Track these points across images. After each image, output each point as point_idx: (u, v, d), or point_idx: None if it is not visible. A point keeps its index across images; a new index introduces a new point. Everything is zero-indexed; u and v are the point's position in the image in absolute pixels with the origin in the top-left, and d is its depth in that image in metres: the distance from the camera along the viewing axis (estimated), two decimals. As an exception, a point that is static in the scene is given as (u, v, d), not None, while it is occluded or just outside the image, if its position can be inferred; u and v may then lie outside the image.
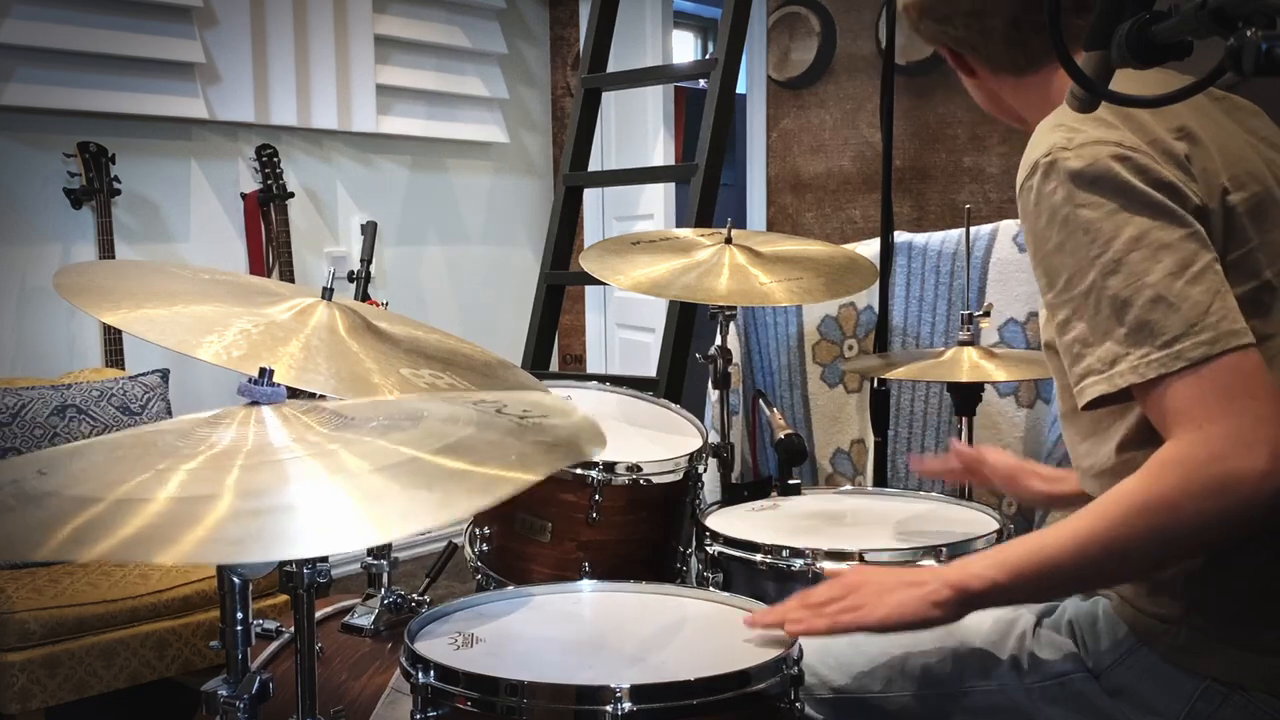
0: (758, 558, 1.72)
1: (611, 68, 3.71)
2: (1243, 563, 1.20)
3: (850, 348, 3.05)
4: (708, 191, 3.16)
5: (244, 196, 3.88)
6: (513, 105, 4.80)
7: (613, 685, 1.16)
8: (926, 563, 1.66)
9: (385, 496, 0.94)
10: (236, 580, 1.10)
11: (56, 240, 3.45)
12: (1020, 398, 2.76)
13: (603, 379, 2.35)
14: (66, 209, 3.44)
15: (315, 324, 1.35)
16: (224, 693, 1.11)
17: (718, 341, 2.31)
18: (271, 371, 1.12)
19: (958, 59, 1.43)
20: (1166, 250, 1.12)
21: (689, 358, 3.07)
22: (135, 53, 3.51)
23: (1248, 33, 0.76)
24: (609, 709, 1.16)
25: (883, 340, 2.93)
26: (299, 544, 0.89)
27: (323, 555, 0.96)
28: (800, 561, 1.67)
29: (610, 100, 4.61)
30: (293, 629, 1.27)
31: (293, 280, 3.86)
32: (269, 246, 3.87)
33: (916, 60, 3.79)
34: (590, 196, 4.79)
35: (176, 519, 0.87)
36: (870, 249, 2.88)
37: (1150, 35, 0.87)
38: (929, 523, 1.84)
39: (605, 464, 1.86)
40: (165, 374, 3.16)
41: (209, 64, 3.73)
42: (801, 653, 1.31)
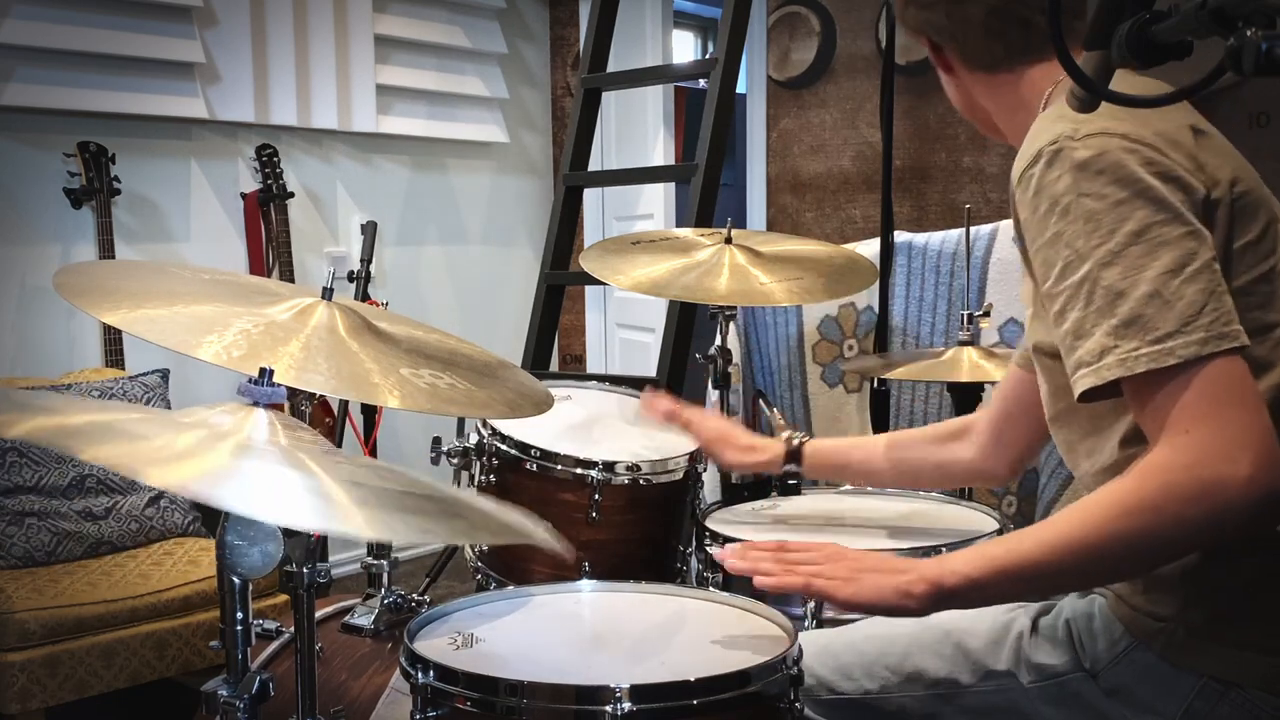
0: (758, 558, 1.71)
1: (611, 68, 3.71)
2: (1239, 560, 1.20)
3: (850, 348, 3.06)
4: (708, 191, 3.16)
5: (244, 196, 3.88)
6: (513, 105, 4.80)
7: (612, 685, 1.16)
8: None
9: (367, 498, 0.95)
10: (236, 580, 1.10)
11: (56, 240, 3.45)
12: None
13: (603, 379, 2.35)
14: (66, 209, 3.44)
15: (315, 324, 1.35)
16: (224, 693, 1.11)
17: (718, 341, 2.31)
18: (271, 371, 1.12)
19: (938, 53, 1.43)
20: (1166, 246, 1.12)
21: (689, 358, 3.07)
22: (135, 53, 3.51)
23: (1248, 33, 0.76)
24: (609, 709, 1.15)
25: (883, 340, 2.93)
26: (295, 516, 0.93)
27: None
28: (800, 561, 1.66)
29: (610, 100, 4.61)
30: (293, 629, 1.27)
31: (293, 280, 3.86)
32: (269, 246, 3.87)
33: (916, 60, 3.79)
34: (590, 196, 4.79)
35: (164, 450, 0.93)
36: (870, 249, 2.88)
37: (1150, 35, 0.87)
38: (928, 522, 1.84)
39: (605, 464, 1.86)
40: (165, 374, 3.16)
41: (209, 64, 3.73)
42: (801, 653, 1.31)
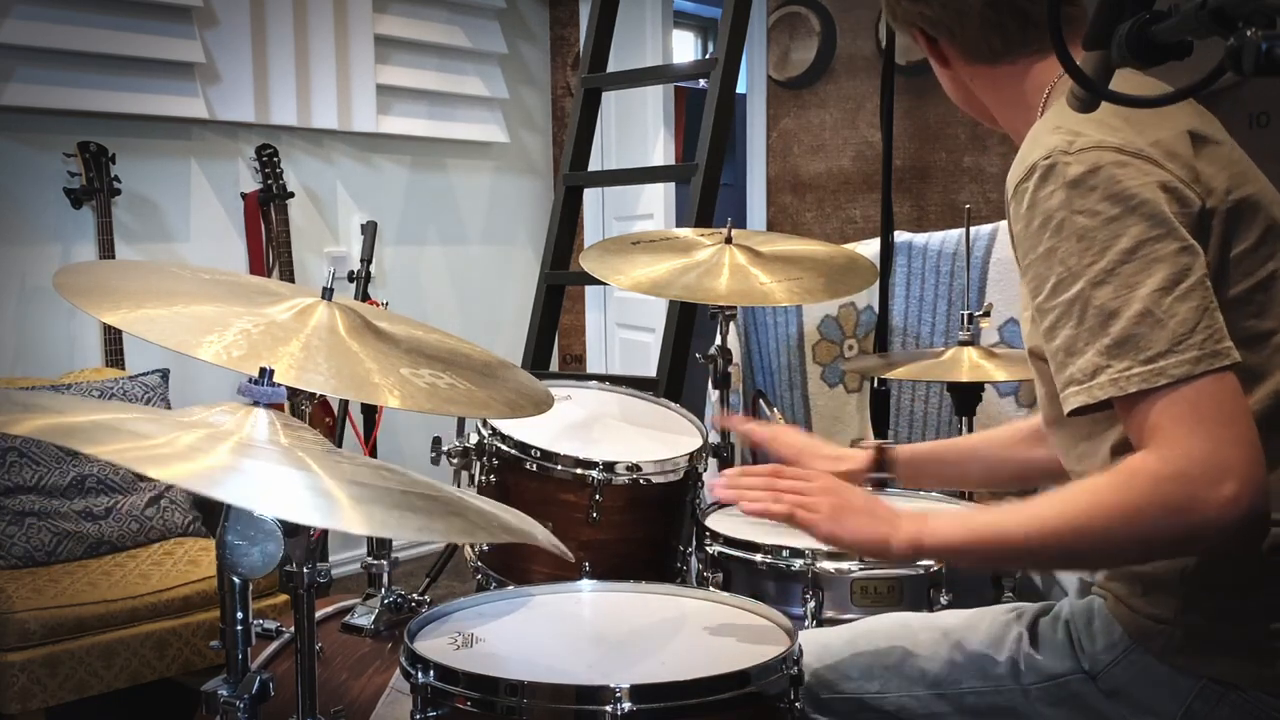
0: (758, 558, 1.72)
1: (611, 68, 3.71)
2: (1239, 563, 1.20)
3: (850, 348, 3.06)
4: (708, 191, 3.16)
5: (244, 196, 3.88)
6: (513, 105, 4.80)
7: (612, 685, 1.16)
8: (926, 563, 1.66)
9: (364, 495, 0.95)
10: (236, 580, 1.10)
11: (56, 240, 3.45)
12: (1020, 398, 2.76)
13: (603, 379, 2.35)
14: (66, 209, 3.44)
15: (315, 324, 1.35)
16: (224, 693, 1.11)
17: (718, 341, 2.31)
18: (271, 371, 1.12)
19: (932, 45, 1.40)
20: (1159, 263, 1.11)
21: (689, 358, 3.07)
22: (135, 53, 3.51)
23: (1248, 33, 0.76)
24: (609, 709, 1.16)
25: (883, 340, 2.93)
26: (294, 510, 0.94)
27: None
28: (800, 561, 1.67)
29: (610, 100, 4.61)
30: (293, 629, 1.27)
31: (293, 280, 3.86)
32: (269, 246, 3.87)
33: (916, 60, 3.79)
34: (590, 196, 4.79)
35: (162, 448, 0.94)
36: (870, 249, 2.88)
37: (1150, 35, 0.87)
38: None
39: (605, 464, 1.86)
40: (165, 374, 3.16)
41: (209, 64, 3.73)
42: (801, 653, 1.31)
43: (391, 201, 4.41)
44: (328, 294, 1.43)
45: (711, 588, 1.69)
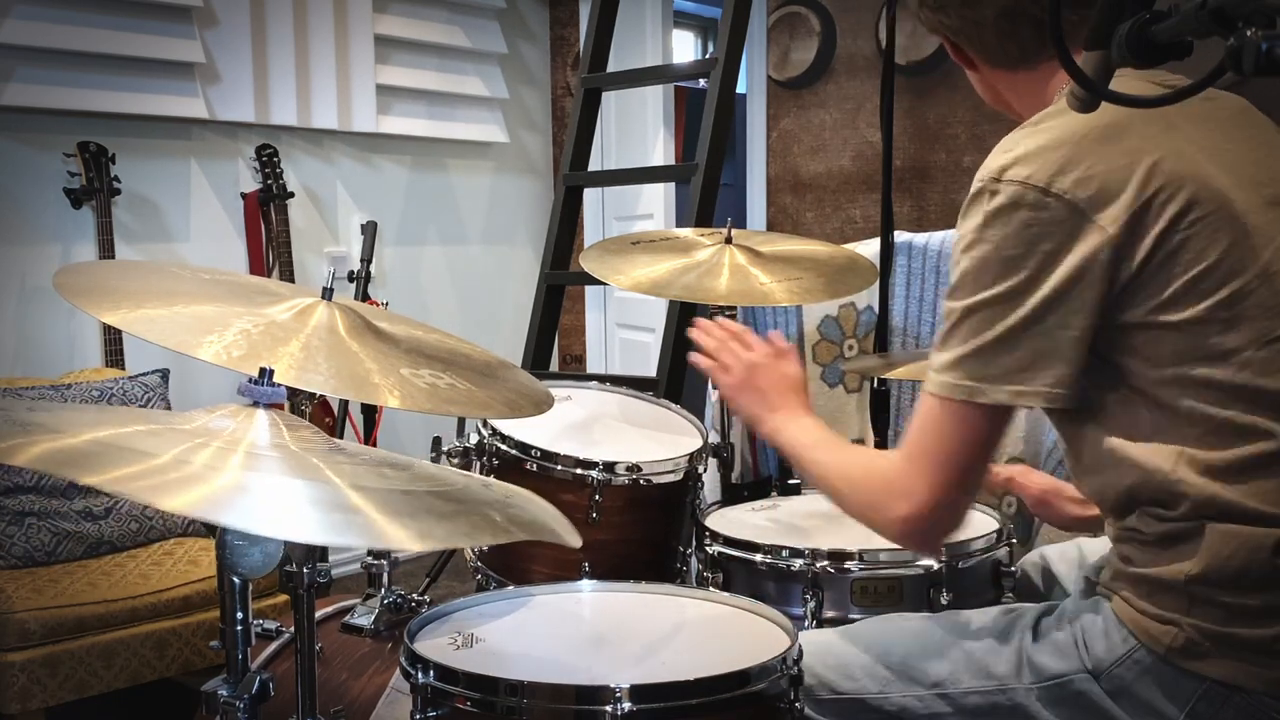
0: (758, 558, 1.72)
1: (611, 68, 3.71)
2: (1245, 565, 1.20)
3: (850, 348, 3.06)
4: (708, 191, 3.16)
5: (244, 196, 3.88)
6: (513, 105, 4.80)
7: (612, 685, 1.16)
8: (926, 563, 1.67)
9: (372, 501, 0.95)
10: (236, 580, 1.10)
11: (56, 240, 3.45)
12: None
13: (603, 379, 2.35)
14: (66, 209, 3.44)
15: (315, 324, 1.35)
16: (224, 693, 1.11)
17: (718, 341, 2.30)
18: (271, 371, 1.12)
19: (957, 50, 1.43)
20: (1032, 301, 1.20)
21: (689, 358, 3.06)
22: (135, 53, 3.51)
23: (1248, 33, 0.76)
24: (609, 709, 1.16)
25: (883, 340, 2.93)
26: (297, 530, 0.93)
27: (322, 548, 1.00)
28: (800, 561, 1.67)
29: (610, 100, 4.61)
30: (293, 629, 1.28)
31: (293, 280, 3.86)
32: (269, 246, 3.87)
33: (916, 60, 3.79)
34: (590, 196, 4.79)
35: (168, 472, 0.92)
36: (870, 249, 2.88)
37: (1150, 35, 0.87)
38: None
39: (605, 464, 1.86)
40: (165, 374, 3.16)
41: (209, 64, 3.73)
42: (801, 653, 1.31)
43: (391, 201, 4.41)
44: (328, 294, 1.43)
45: (711, 588, 1.69)
